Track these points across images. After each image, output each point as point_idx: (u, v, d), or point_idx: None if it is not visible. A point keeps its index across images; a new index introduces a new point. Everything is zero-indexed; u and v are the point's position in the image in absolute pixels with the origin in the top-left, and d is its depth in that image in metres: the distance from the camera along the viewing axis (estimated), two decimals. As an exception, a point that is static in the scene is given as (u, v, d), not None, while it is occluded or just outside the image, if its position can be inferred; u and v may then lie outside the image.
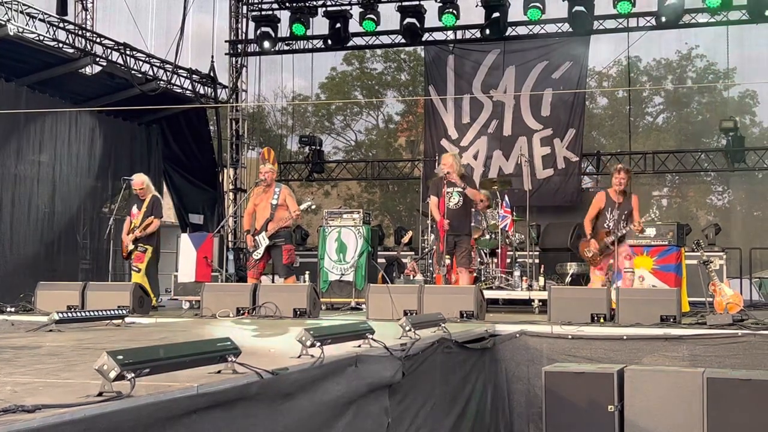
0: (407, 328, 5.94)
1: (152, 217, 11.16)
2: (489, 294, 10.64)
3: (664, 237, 10.40)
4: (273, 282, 11.78)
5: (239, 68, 18.95)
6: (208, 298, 9.45)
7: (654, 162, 17.94)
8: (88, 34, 15.20)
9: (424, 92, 18.39)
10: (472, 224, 11.16)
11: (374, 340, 5.18)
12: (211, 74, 17.95)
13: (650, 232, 10.54)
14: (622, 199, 9.69)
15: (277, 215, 10.49)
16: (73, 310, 8.89)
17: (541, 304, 10.39)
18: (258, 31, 18.06)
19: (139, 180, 11.45)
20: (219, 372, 3.71)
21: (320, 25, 17.93)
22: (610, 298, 8.58)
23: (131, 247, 11.13)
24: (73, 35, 14.50)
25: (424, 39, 17.67)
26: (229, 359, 3.74)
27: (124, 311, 7.98)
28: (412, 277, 12.61)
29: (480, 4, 16.57)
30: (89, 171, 15.22)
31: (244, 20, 18.99)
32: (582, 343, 7.75)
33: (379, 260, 13.38)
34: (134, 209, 11.30)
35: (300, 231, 16.02)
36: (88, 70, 15.07)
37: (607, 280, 9.88)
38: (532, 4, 16.09)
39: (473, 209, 11.06)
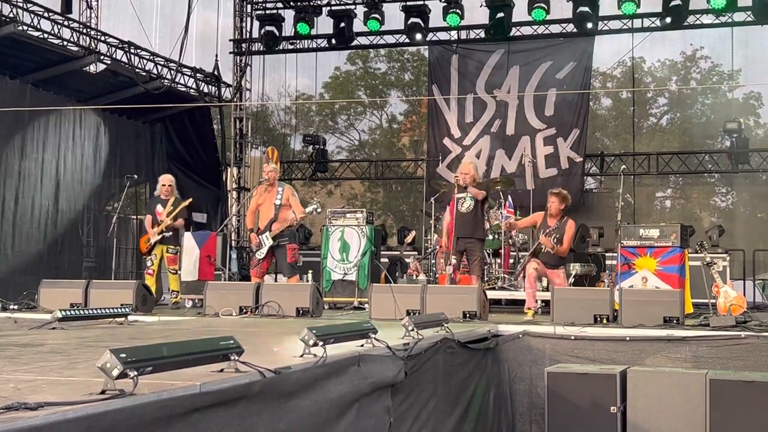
0: (410, 328, 5.95)
1: (180, 219, 11.36)
2: (492, 294, 10.64)
3: (668, 238, 10.37)
4: (276, 281, 11.79)
5: (243, 67, 18.96)
6: (211, 296, 9.46)
7: (658, 163, 17.91)
8: (92, 32, 15.23)
9: (428, 92, 18.37)
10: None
11: (377, 340, 5.18)
12: (215, 73, 17.96)
13: (654, 233, 10.52)
14: (556, 222, 9.74)
15: (281, 215, 10.48)
16: (76, 308, 8.90)
17: (543, 304, 10.38)
18: (262, 30, 18.08)
19: (169, 177, 11.71)
20: (222, 371, 3.71)
21: (324, 24, 17.96)
22: (613, 299, 8.58)
23: (156, 238, 11.17)
24: (77, 33, 14.52)
25: (428, 39, 17.66)
26: (232, 358, 3.74)
27: (127, 309, 7.99)
28: (415, 277, 12.62)
29: (484, 4, 16.56)
30: (93, 169, 15.24)
31: (249, 19, 19.00)
32: (585, 344, 7.75)
33: (382, 260, 13.38)
34: (159, 208, 11.40)
35: (303, 230, 16.01)
36: (92, 68, 15.10)
37: (611, 283, 9.88)
38: (536, 5, 16.06)
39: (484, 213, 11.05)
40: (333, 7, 17.80)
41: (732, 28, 16.55)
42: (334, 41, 18.06)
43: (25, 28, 13.03)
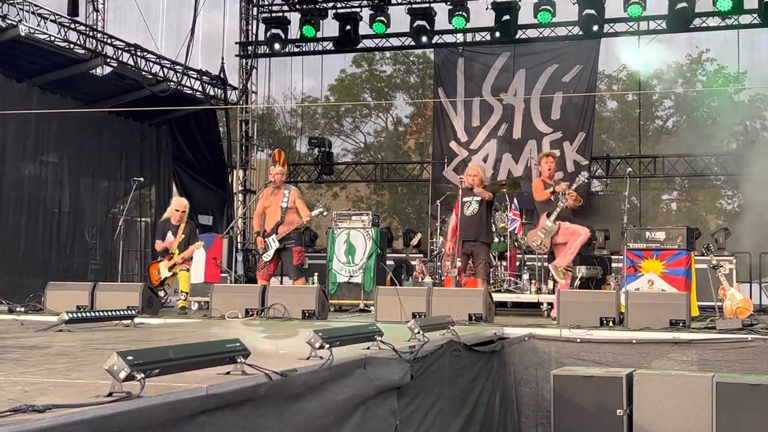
0: (416, 331, 5.94)
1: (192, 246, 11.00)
2: (497, 297, 10.63)
3: (674, 241, 10.36)
4: (282, 283, 11.80)
5: (249, 70, 18.99)
6: (217, 299, 9.46)
7: (664, 165, 17.89)
8: (98, 35, 15.27)
9: (434, 95, 18.37)
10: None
11: (383, 342, 5.18)
12: (221, 75, 18.00)
13: (660, 236, 10.51)
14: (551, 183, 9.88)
15: (287, 218, 10.49)
16: (82, 310, 8.92)
17: (549, 307, 10.37)
18: (268, 33, 18.10)
19: (184, 203, 11.16)
20: (228, 373, 3.71)
21: (330, 27, 17.95)
22: (619, 301, 8.57)
23: (167, 275, 10.87)
24: (84, 36, 14.56)
25: (433, 41, 17.66)
26: (239, 360, 3.74)
27: (133, 311, 7.99)
28: (420, 280, 12.61)
29: (490, 6, 16.55)
30: (99, 171, 15.28)
31: (255, 22, 19.04)
32: (591, 347, 7.74)
33: (388, 262, 13.37)
34: (169, 236, 10.92)
35: (309, 233, 16.02)
36: (98, 70, 15.13)
37: (617, 285, 9.86)
38: (542, 7, 16.06)
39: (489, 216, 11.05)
40: (339, 10, 17.81)
41: (738, 31, 16.50)
42: (339, 44, 18.06)
43: (32, 31, 13.06)
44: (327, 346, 4.42)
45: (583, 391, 6.93)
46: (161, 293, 10.96)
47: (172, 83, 16.17)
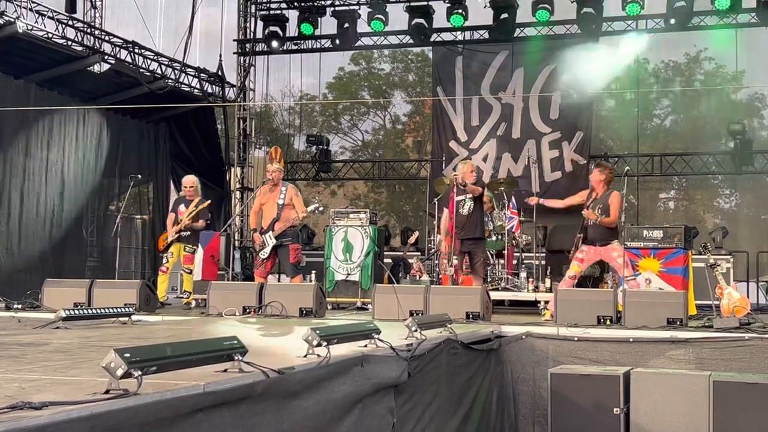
0: (413, 329, 5.95)
1: (201, 221, 11.50)
2: (495, 295, 10.64)
3: (671, 240, 10.37)
4: (279, 281, 11.80)
5: (247, 67, 18.96)
6: (215, 296, 9.46)
7: (662, 164, 17.90)
8: (96, 32, 15.24)
9: (432, 93, 18.35)
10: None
11: (380, 340, 5.18)
12: (219, 73, 17.97)
13: (657, 234, 10.52)
14: (600, 194, 9.66)
15: (284, 215, 10.49)
16: (80, 307, 8.90)
17: (547, 305, 10.36)
18: (266, 31, 18.09)
19: (191, 179, 11.76)
20: (225, 371, 3.71)
21: (328, 24, 17.94)
22: (617, 300, 8.57)
23: (173, 237, 11.30)
24: (81, 33, 14.53)
25: (432, 39, 17.64)
26: (236, 358, 3.74)
27: (130, 309, 7.99)
28: (418, 278, 12.61)
29: (488, 5, 16.54)
30: (97, 169, 15.25)
31: (253, 19, 19.02)
32: (588, 345, 7.74)
33: (386, 260, 13.38)
34: (181, 207, 11.54)
35: (306, 230, 16.02)
36: (96, 68, 15.10)
37: (614, 284, 9.85)
38: (540, 6, 16.05)
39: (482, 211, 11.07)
40: (337, 8, 17.81)
41: (736, 30, 16.48)
42: (337, 42, 18.05)
43: (30, 27, 13.03)
44: (324, 343, 4.42)
45: (581, 390, 6.94)
46: (164, 260, 11.45)
47: (170, 80, 16.14)
